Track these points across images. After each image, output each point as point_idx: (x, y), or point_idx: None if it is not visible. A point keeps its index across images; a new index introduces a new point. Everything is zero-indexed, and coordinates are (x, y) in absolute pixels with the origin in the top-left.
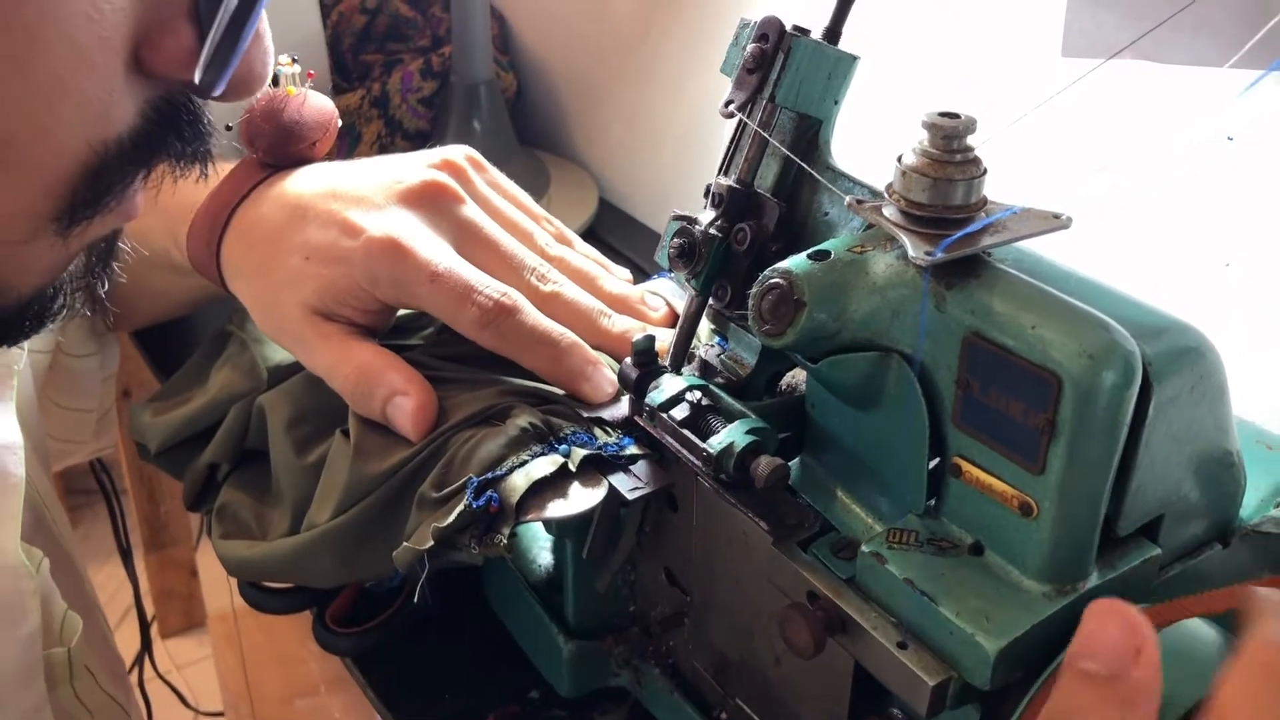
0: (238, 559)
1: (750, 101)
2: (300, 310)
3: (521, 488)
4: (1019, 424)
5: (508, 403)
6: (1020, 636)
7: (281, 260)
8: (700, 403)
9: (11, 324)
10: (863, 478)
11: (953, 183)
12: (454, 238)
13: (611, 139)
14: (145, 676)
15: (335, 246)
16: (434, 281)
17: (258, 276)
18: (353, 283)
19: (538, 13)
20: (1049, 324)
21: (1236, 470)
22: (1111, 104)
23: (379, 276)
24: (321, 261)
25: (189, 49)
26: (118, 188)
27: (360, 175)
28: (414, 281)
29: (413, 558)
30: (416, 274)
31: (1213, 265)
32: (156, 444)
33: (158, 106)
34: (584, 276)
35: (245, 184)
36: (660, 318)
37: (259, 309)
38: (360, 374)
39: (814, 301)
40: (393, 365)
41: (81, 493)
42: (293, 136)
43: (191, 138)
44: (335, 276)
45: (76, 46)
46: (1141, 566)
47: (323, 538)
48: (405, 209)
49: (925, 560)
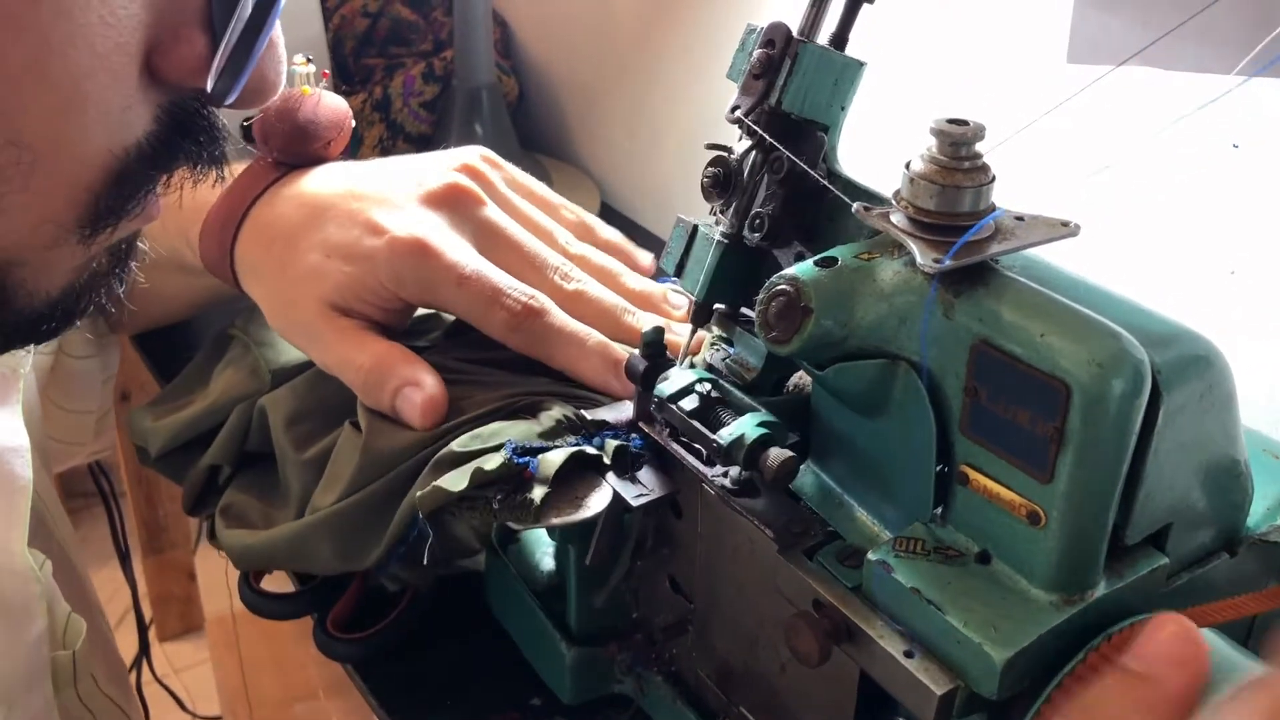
0: (241, 546)
1: (757, 106)
2: (318, 305)
3: (557, 463)
4: (1027, 432)
5: (531, 400)
6: (1028, 646)
7: (300, 258)
8: (710, 395)
9: (39, 324)
10: (869, 485)
11: (961, 190)
12: (476, 239)
13: (613, 143)
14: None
15: (358, 245)
16: (461, 284)
17: (273, 275)
18: (376, 280)
19: (540, 17)
20: (1058, 332)
21: (1244, 479)
22: (1118, 111)
23: (404, 276)
24: (343, 259)
25: (201, 56)
26: (140, 193)
27: (380, 176)
28: (441, 282)
29: (442, 499)
30: (444, 275)
31: (1218, 273)
32: (157, 448)
33: (172, 112)
34: (606, 274)
35: (260, 183)
36: (683, 315)
37: (273, 306)
38: (374, 364)
39: (821, 308)
40: (407, 358)
41: (80, 495)
42: (307, 136)
43: (207, 142)
44: (358, 274)
45: (95, 53)
46: (1149, 575)
47: (323, 523)
48: (428, 210)
49: (932, 569)
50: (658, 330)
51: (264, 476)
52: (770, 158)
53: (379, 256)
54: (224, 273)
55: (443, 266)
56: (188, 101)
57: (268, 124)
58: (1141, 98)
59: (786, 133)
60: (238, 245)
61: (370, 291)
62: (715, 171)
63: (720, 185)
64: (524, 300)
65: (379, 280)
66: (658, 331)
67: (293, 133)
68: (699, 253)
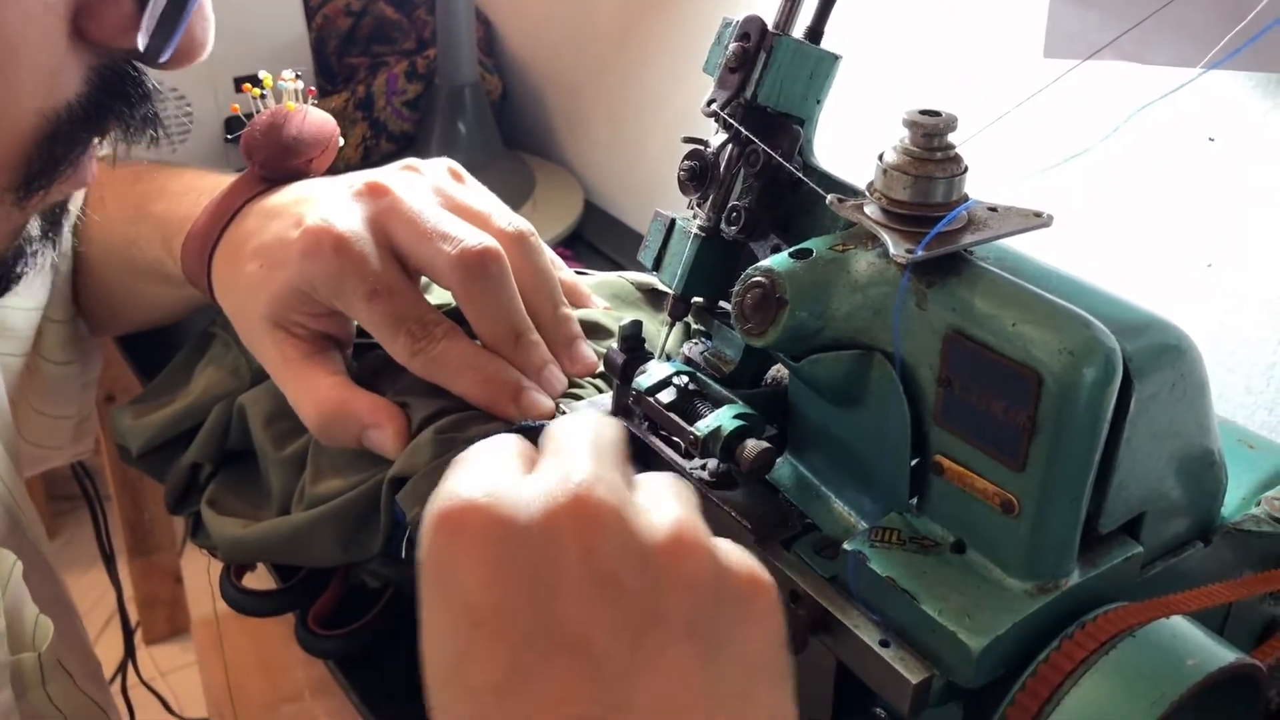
0: (233, 539)
1: (732, 100)
2: (260, 323)
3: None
4: (1000, 421)
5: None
6: (1003, 634)
7: (243, 267)
8: (688, 387)
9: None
10: (845, 476)
11: (933, 180)
12: (383, 222)
13: (596, 141)
14: (129, 683)
15: (282, 244)
16: (371, 299)
17: (232, 290)
18: (291, 288)
19: (523, 15)
20: (1029, 321)
21: (1218, 468)
22: (1093, 104)
23: (314, 278)
24: (272, 264)
25: (129, 15)
26: (71, 155)
27: (338, 182)
28: (350, 293)
29: (424, 494)
30: (353, 282)
31: (1195, 265)
32: (138, 446)
33: (101, 74)
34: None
35: (240, 198)
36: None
37: (236, 323)
38: (320, 413)
39: (795, 300)
40: (358, 399)
41: (64, 498)
42: (290, 152)
43: (139, 103)
44: (283, 278)
45: (27, 16)
46: (1123, 564)
47: (328, 515)
48: (351, 202)
49: (908, 558)
50: (635, 323)
51: (245, 474)
52: (746, 151)
53: (292, 255)
54: (203, 287)
55: (352, 270)
56: (118, 64)
57: (253, 139)
58: (1117, 91)
59: (762, 126)
60: (214, 261)
61: (297, 299)
62: (691, 165)
63: (697, 179)
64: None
65: (294, 287)
66: (635, 325)
67: (277, 148)
68: (676, 246)
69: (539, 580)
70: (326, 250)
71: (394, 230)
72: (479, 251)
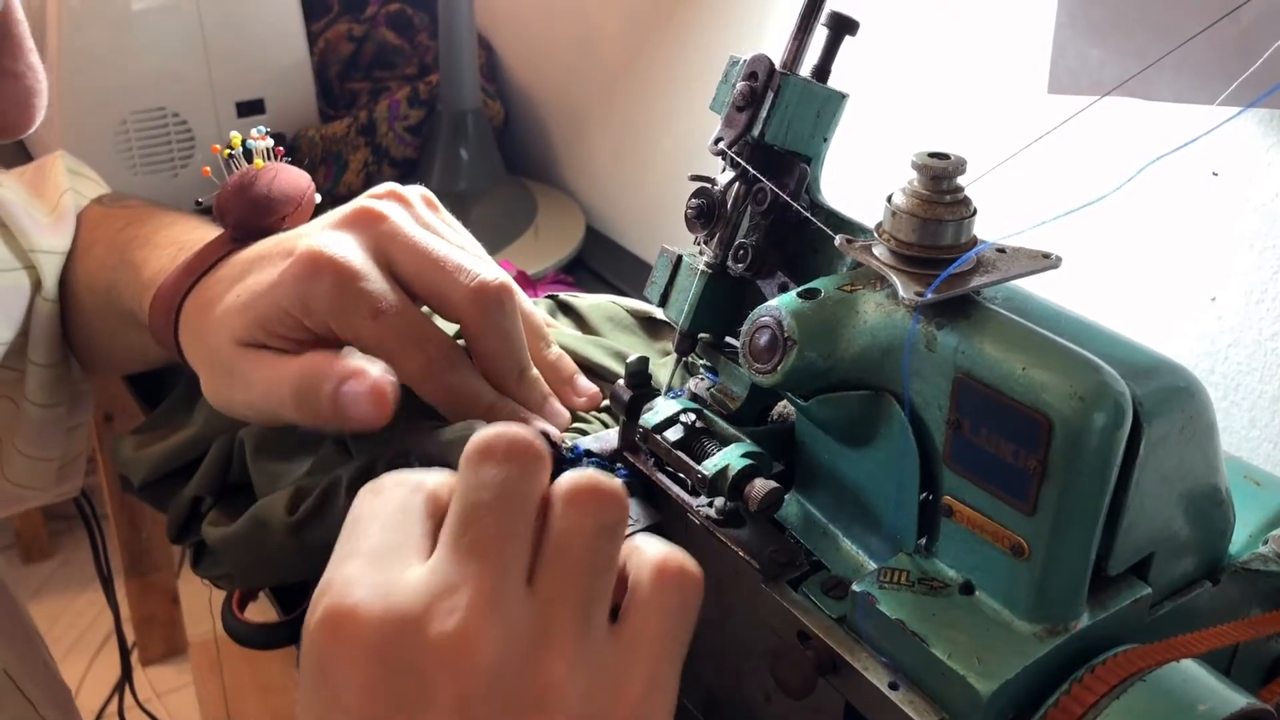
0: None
1: (740, 138)
2: (230, 346)
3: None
4: (1010, 465)
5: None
6: (1012, 678)
7: (217, 307)
8: (695, 425)
9: None
10: (854, 516)
11: (942, 223)
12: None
13: (599, 167)
14: (125, 705)
15: (270, 273)
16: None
17: (201, 336)
18: (280, 309)
19: (525, 41)
20: (1040, 365)
21: (1226, 507)
22: (1098, 140)
23: (310, 300)
24: (255, 292)
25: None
26: None
27: (315, 221)
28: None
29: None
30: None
31: (1199, 299)
32: (140, 478)
33: None
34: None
35: (212, 257)
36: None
37: (201, 371)
38: (300, 373)
39: (804, 341)
40: (338, 355)
41: (62, 518)
42: (263, 210)
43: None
44: (267, 302)
45: None
46: (1132, 605)
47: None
48: (338, 230)
49: (916, 600)
50: (642, 359)
51: (246, 507)
52: (753, 189)
53: (285, 278)
54: (168, 341)
55: (355, 290)
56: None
57: (224, 200)
58: (1122, 127)
59: (769, 164)
60: (182, 313)
61: (281, 320)
62: (699, 203)
63: (704, 216)
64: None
65: (283, 308)
66: (642, 361)
67: (247, 207)
68: (683, 282)
69: (409, 701)
70: (326, 271)
71: (396, 255)
72: (497, 286)
